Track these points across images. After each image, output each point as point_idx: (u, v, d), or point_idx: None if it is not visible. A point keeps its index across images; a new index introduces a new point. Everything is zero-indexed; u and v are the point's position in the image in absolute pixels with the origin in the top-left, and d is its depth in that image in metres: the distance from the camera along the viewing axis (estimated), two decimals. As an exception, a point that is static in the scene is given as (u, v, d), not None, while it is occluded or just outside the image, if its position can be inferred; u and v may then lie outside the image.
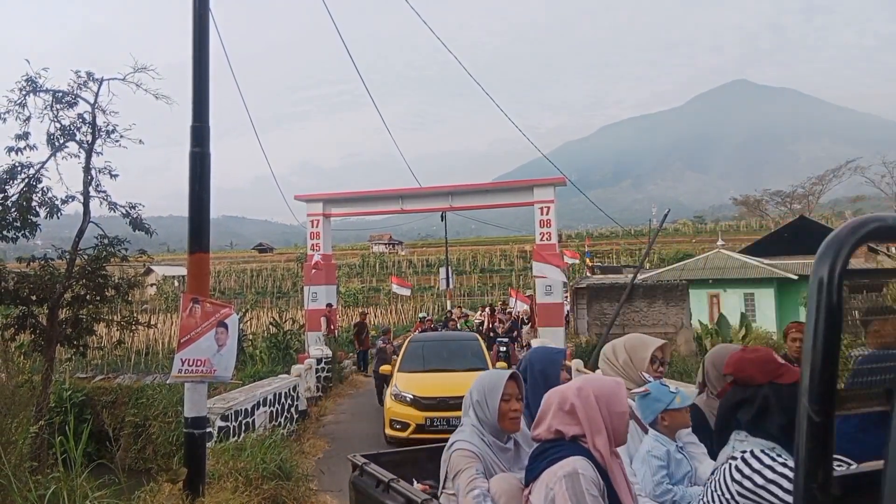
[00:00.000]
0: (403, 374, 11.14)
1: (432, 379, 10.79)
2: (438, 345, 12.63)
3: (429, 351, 12.01)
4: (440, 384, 10.42)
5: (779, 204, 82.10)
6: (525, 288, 43.43)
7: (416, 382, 10.62)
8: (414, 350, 12.11)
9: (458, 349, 12.21)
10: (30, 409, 6.46)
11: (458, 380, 10.26)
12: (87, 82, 9.92)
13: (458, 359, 11.61)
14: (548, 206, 18.03)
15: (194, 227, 6.04)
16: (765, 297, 24.96)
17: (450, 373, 10.98)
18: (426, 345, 12.45)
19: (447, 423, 9.52)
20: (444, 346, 12.57)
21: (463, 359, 11.58)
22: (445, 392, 9.96)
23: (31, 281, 9.41)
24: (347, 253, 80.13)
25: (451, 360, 11.60)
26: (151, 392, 15.28)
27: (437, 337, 14.25)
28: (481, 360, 11.46)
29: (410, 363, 11.57)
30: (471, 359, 11.55)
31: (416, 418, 9.93)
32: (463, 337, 14.09)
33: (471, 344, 12.52)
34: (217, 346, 5.87)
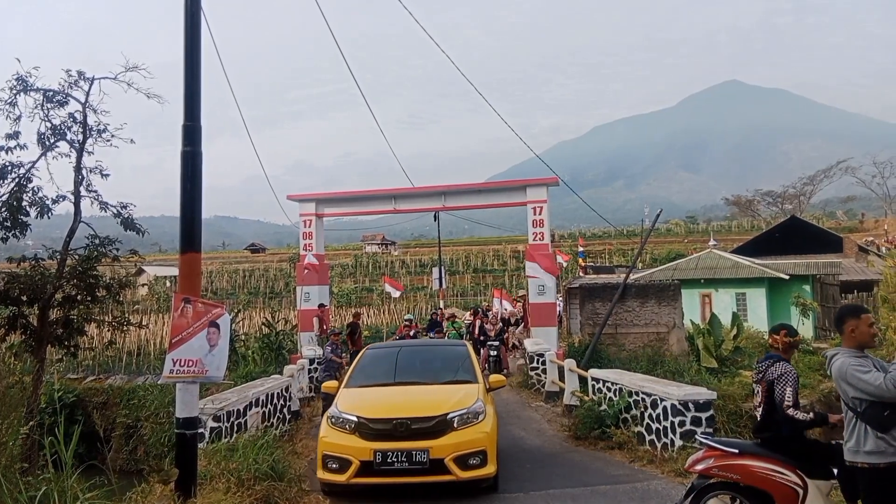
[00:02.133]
0: (351, 391, 8.05)
1: (390, 394, 7.92)
2: (409, 353, 9.45)
3: (394, 362, 8.91)
4: (401, 401, 7.59)
5: (770, 204, 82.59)
6: (518, 288, 43.49)
7: (367, 399, 7.69)
8: (370, 361, 9.01)
9: (438, 358, 9.19)
10: (20, 410, 6.42)
11: (427, 395, 7.78)
12: (79, 81, 9.91)
13: (436, 370, 8.66)
14: (541, 206, 18.05)
15: (186, 226, 6.01)
16: (756, 297, 25.07)
17: (419, 386, 8.09)
18: (390, 354, 9.30)
19: (408, 460, 6.82)
20: (418, 355, 9.44)
21: (441, 370, 8.67)
22: (407, 411, 7.16)
23: (21, 281, 9.36)
24: (340, 253, 79.99)
25: (426, 372, 8.62)
26: (143, 393, 15.26)
27: (410, 344, 11.20)
28: (468, 372, 8.47)
29: (364, 376, 8.50)
30: (453, 370, 8.62)
31: (361, 452, 6.92)
32: (446, 343, 11.45)
33: (456, 352, 9.28)
34: (209, 346, 5.85)
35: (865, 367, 4.19)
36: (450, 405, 7.28)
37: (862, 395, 4.16)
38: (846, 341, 4.44)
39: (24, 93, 9.65)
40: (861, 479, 4.28)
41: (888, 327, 13.87)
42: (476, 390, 7.80)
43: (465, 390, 7.78)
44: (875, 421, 4.15)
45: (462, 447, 6.95)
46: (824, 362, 15.66)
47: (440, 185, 20.16)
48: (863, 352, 4.40)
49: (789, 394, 5.09)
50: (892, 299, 14.16)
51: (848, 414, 4.35)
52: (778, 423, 5.18)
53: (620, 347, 16.61)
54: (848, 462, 4.34)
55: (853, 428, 4.29)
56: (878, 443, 4.15)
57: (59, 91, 9.75)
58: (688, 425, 8.33)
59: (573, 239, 69.85)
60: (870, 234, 58.07)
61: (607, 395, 10.45)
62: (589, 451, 9.60)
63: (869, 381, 4.08)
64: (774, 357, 5.40)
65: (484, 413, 7.33)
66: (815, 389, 14.72)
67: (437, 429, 7.01)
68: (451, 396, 7.54)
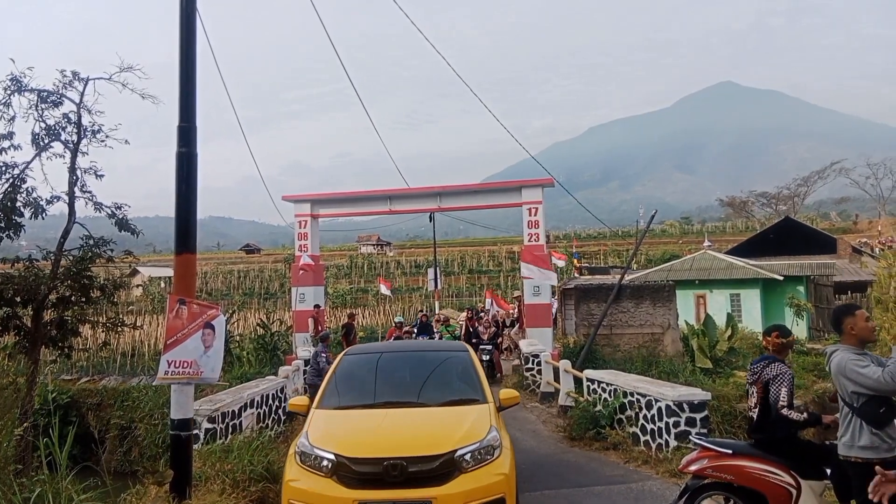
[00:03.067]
0: (325, 415, 6.31)
1: (378, 422, 6.10)
2: (398, 361, 7.62)
3: (380, 374, 7.13)
4: (392, 432, 5.87)
5: (764, 205, 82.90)
6: (513, 288, 43.52)
7: (347, 429, 6.03)
8: (349, 373, 7.13)
9: (434, 368, 7.28)
10: (14, 412, 6.40)
11: (427, 422, 6.12)
12: (73, 82, 9.86)
13: (433, 385, 6.89)
14: (536, 206, 18.08)
15: (181, 227, 6.01)
16: (750, 298, 25.15)
17: (413, 409, 6.37)
18: (373, 363, 7.41)
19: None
20: (408, 363, 7.55)
21: (440, 385, 6.91)
22: (402, 448, 5.54)
23: (15, 282, 9.31)
24: (335, 254, 79.94)
25: (420, 387, 6.85)
26: (137, 394, 15.22)
27: (397, 348, 9.01)
28: (474, 387, 6.74)
29: (342, 394, 6.70)
30: (455, 385, 6.96)
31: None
32: (441, 347, 9.10)
33: (455, 359, 7.41)
34: (204, 347, 5.85)
35: (864, 361, 4.24)
36: (457, 438, 5.63)
37: (861, 390, 4.21)
38: (847, 339, 4.49)
39: (19, 93, 9.59)
40: (854, 473, 4.33)
41: (881, 328, 13.94)
42: (487, 413, 6.14)
43: (473, 414, 6.12)
44: (870, 417, 4.21)
45: (475, 496, 5.36)
46: (818, 362, 15.74)
47: (436, 186, 20.15)
48: (862, 348, 4.45)
49: (784, 394, 5.12)
50: (886, 300, 14.24)
51: (844, 409, 4.40)
52: (772, 424, 5.21)
53: (615, 348, 16.65)
54: (842, 456, 4.38)
55: (848, 423, 4.34)
56: (872, 438, 4.21)
57: (53, 91, 9.70)
58: (682, 426, 8.37)
59: (568, 240, 69.99)
60: (864, 234, 58.37)
61: (602, 395, 10.47)
62: (584, 452, 9.62)
63: (867, 374, 4.14)
64: (770, 358, 5.43)
65: (500, 447, 5.72)
66: (808, 390, 14.79)
67: (442, 471, 5.41)
68: (458, 425, 5.91)
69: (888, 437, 4.22)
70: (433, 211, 21.78)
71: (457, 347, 8.13)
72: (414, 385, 6.92)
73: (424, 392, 6.72)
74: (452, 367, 7.23)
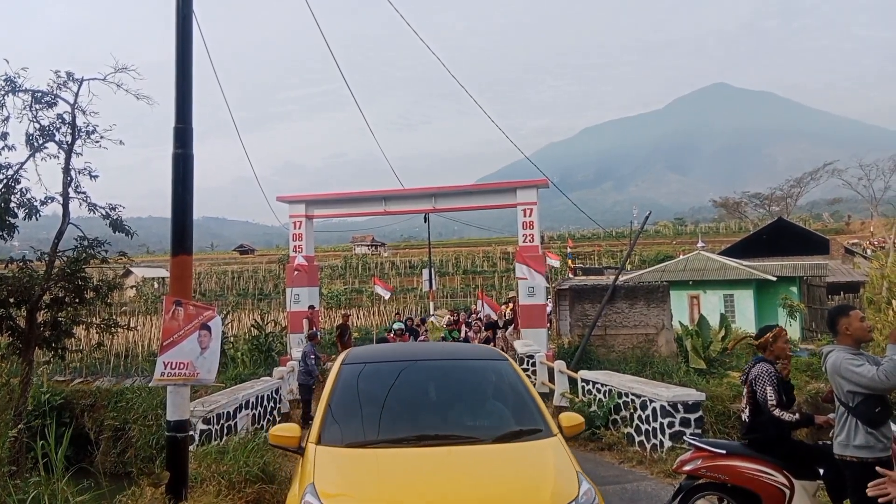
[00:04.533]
0: (334, 455, 4.35)
1: (416, 471, 4.15)
2: (419, 372, 5.39)
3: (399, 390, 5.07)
4: (444, 492, 3.91)
5: (758, 206, 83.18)
6: (508, 289, 43.57)
7: (373, 483, 4.00)
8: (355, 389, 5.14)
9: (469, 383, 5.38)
10: (8, 413, 6.39)
11: (490, 475, 4.14)
12: (67, 82, 9.85)
13: (475, 410, 5.08)
14: (531, 207, 18.12)
15: (177, 229, 6.00)
16: (744, 298, 25.25)
17: (461, 448, 4.40)
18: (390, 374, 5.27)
19: None
20: (431, 374, 5.39)
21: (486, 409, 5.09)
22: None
23: (9, 283, 9.29)
24: (330, 254, 79.81)
25: (457, 412, 5.00)
26: (131, 395, 15.16)
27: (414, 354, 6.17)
28: (530, 411, 4.84)
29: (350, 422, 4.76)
30: (504, 408, 5.04)
31: None
32: (471, 353, 6.28)
33: (494, 369, 5.44)
34: (200, 348, 5.84)
35: (859, 361, 4.28)
36: (544, 499, 3.86)
37: (856, 389, 4.25)
38: (843, 340, 4.53)
39: (13, 94, 9.59)
40: (849, 472, 4.37)
41: (874, 328, 14.01)
42: (564, 454, 4.36)
43: (547, 456, 4.32)
44: (866, 416, 4.25)
45: None
46: (812, 363, 15.80)
47: (430, 187, 20.16)
48: (858, 348, 4.49)
49: (770, 393, 5.13)
50: (878, 300, 14.31)
51: (839, 409, 4.44)
52: (764, 424, 5.24)
53: (610, 349, 16.71)
54: (837, 455, 4.42)
55: (844, 422, 4.38)
56: (867, 438, 4.26)
57: (47, 92, 9.69)
58: (677, 426, 8.40)
59: (562, 240, 70.09)
60: (856, 235, 58.64)
61: (597, 396, 10.49)
62: (579, 452, 9.61)
63: (862, 373, 4.18)
64: (757, 359, 5.48)
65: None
66: (801, 390, 14.85)
67: None
68: (536, 476, 4.14)
69: (883, 437, 4.27)
70: (428, 212, 21.81)
71: (490, 354, 5.93)
72: (450, 409, 4.96)
73: (468, 420, 4.86)
74: (494, 382, 5.25)
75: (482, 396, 5.24)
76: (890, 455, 4.27)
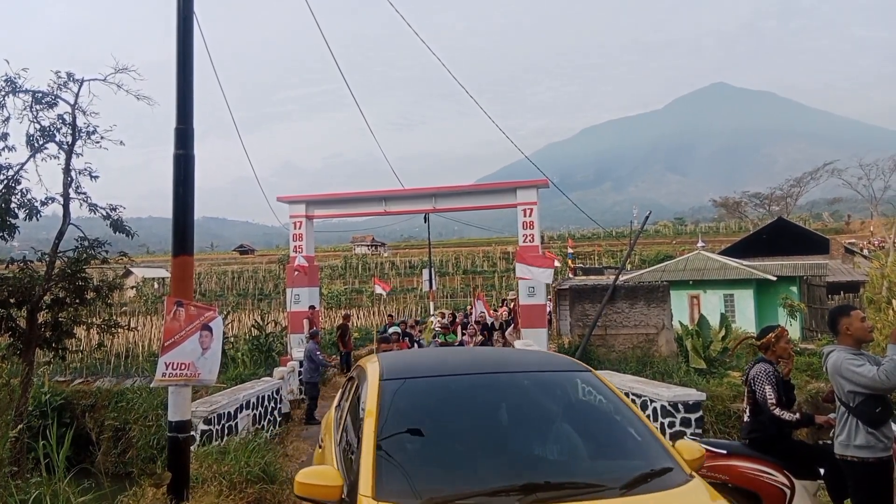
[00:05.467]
0: None
1: None
2: (485, 392, 4.04)
3: (469, 417, 3.80)
4: None
5: (757, 206, 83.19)
6: (508, 289, 43.56)
7: None
8: (410, 415, 3.71)
9: (556, 407, 4.11)
10: (9, 414, 6.39)
11: None
12: (68, 83, 9.85)
13: (581, 444, 3.81)
14: (531, 207, 18.12)
15: (178, 230, 6.00)
16: (744, 298, 25.25)
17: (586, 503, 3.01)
18: (441, 394, 4.00)
19: None
20: (501, 394, 4.04)
21: (594, 442, 3.87)
22: None
23: (9, 283, 9.29)
24: (330, 254, 79.83)
25: (558, 447, 3.79)
26: (132, 395, 15.18)
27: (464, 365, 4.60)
28: (646, 442, 3.61)
29: (416, 461, 3.40)
30: (614, 439, 3.87)
31: None
32: (538, 363, 4.70)
33: (577, 383, 4.26)
34: (201, 349, 5.84)
35: (860, 361, 4.29)
36: None
37: (857, 389, 4.26)
38: (843, 340, 4.53)
39: (13, 94, 9.59)
40: (850, 472, 4.38)
41: (874, 328, 14.02)
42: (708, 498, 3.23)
43: None
44: (866, 416, 4.26)
45: None
46: (812, 362, 15.77)
47: (430, 187, 20.15)
48: (859, 348, 4.50)
49: (769, 392, 5.14)
50: (878, 300, 14.32)
51: (840, 409, 4.45)
52: (764, 423, 5.25)
53: (610, 349, 16.71)
54: (838, 455, 4.43)
55: (845, 422, 4.39)
56: (868, 438, 4.27)
57: (48, 93, 9.69)
58: (677, 426, 8.41)
59: (562, 240, 70.09)
60: (856, 235, 58.66)
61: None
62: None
63: (863, 373, 4.19)
64: (758, 359, 5.49)
65: None
66: (802, 390, 14.85)
67: None
68: None
69: (884, 437, 4.28)
70: (428, 212, 21.80)
71: (565, 363, 4.54)
72: (543, 441, 3.74)
73: (575, 458, 3.64)
74: (583, 402, 4.12)
75: (577, 422, 3.87)
76: (891, 455, 4.28)
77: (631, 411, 3.87)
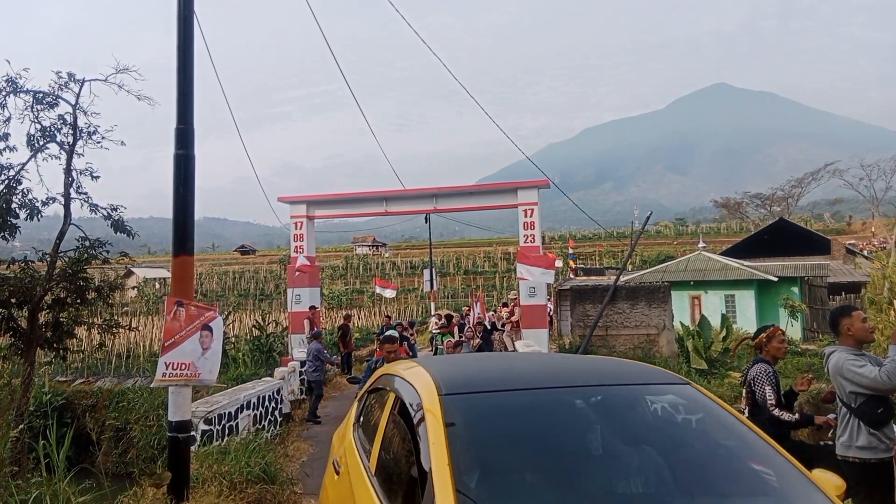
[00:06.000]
0: None
1: None
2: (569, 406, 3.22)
3: (567, 444, 2.97)
4: None
5: (758, 206, 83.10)
6: (509, 289, 43.56)
7: None
8: (487, 435, 2.92)
9: (650, 424, 3.32)
10: (9, 413, 6.39)
11: None
12: (69, 83, 9.85)
13: (690, 475, 2.88)
14: (532, 208, 18.11)
15: (178, 230, 6.00)
16: (745, 299, 25.23)
17: None
18: (521, 405, 3.12)
19: None
20: (588, 410, 3.25)
21: (712, 477, 2.88)
22: None
23: (10, 283, 9.29)
24: (331, 255, 79.86)
25: (665, 483, 2.81)
26: (132, 395, 15.18)
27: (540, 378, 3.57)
28: (790, 479, 2.74)
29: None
30: (744, 474, 2.85)
31: None
32: (626, 375, 3.69)
33: (680, 402, 3.42)
34: (202, 349, 5.84)
35: (861, 361, 4.29)
36: None
37: (858, 390, 4.26)
38: (844, 340, 4.53)
39: (14, 94, 9.59)
40: (851, 473, 4.37)
41: (876, 328, 14.01)
42: None
43: None
44: (868, 417, 4.26)
45: None
46: (813, 363, 15.72)
47: (431, 188, 20.13)
48: (860, 349, 4.49)
49: (769, 392, 5.13)
50: (880, 301, 14.31)
51: (842, 409, 4.44)
52: (763, 424, 5.24)
53: (611, 349, 16.71)
54: (839, 456, 4.43)
55: (846, 423, 4.39)
56: (870, 439, 4.26)
57: (49, 93, 9.69)
58: (678, 426, 8.39)
59: (563, 241, 70.08)
60: (857, 236, 58.61)
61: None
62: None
63: (864, 374, 4.19)
64: (757, 359, 5.49)
65: None
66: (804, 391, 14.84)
67: None
68: None
69: (886, 438, 4.27)
70: (429, 212, 21.78)
71: (659, 376, 3.70)
72: (657, 479, 2.87)
73: (700, 497, 2.77)
74: (691, 422, 3.36)
75: (691, 450, 3.14)
76: (892, 456, 4.27)
77: (754, 433, 3.12)
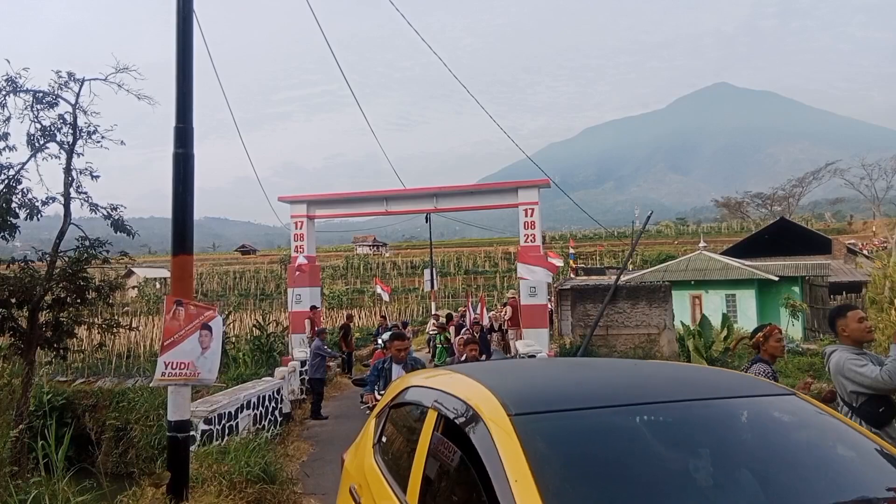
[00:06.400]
0: None
1: None
2: (674, 431, 2.63)
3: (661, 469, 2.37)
4: None
5: (759, 206, 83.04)
6: (510, 288, 43.56)
7: None
8: (577, 464, 2.33)
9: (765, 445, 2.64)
10: (9, 413, 6.39)
11: None
12: (69, 83, 9.84)
13: None
14: (532, 207, 18.08)
15: (178, 229, 5.99)
16: (746, 298, 25.21)
17: None
18: (612, 426, 2.56)
19: None
20: (689, 430, 2.63)
21: None
22: None
23: (10, 283, 9.27)
24: (331, 254, 79.84)
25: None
26: (132, 395, 15.17)
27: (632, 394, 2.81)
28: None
29: None
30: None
31: None
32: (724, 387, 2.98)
33: (784, 416, 2.88)
34: (201, 348, 5.83)
35: (862, 361, 4.27)
36: None
37: (859, 389, 4.25)
38: (842, 341, 4.53)
39: (14, 94, 9.58)
40: None
41: (876, 328, 13.99)
42: None
43: None
44: (870, 416, 4.24)
45: None
46: (814, 363, 15.70)
47: (431, 187, 20.11)
48: (860, 348, 4.48)
49: None
50: (880, 300, 14.29)
51: (843, 409, 4.43)
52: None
53: (612, 349, 16.70)
54: None
55: None
56: None
57: (49, 92, 9.68)
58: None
59: (564, 240, 70.06)
60: (858, 235, 58.57)
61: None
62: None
63: (865, 373, 4.18)
64: (755, 359, 5.48)
65: None
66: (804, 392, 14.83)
67: None
68: None
69: (887, 437, 4.25)
70: (429, 212, 21.76)
71: (759, 387, 3.12)
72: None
73: None
74: (803, 438, 2.87)
75: (815, 475, 2.56)
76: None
77: (882, 448, 2.67)
